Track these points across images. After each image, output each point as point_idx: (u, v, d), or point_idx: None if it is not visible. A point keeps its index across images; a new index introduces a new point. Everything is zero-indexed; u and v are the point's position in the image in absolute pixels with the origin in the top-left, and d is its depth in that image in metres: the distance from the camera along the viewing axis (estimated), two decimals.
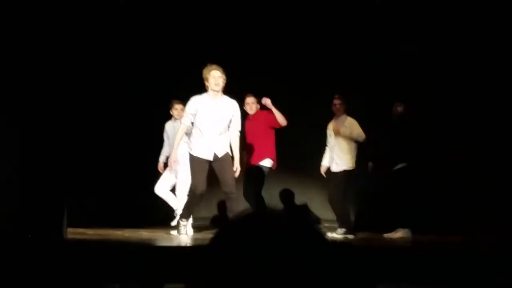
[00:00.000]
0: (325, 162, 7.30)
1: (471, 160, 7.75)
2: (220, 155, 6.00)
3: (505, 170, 7.59)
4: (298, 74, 8.50)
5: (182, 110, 6.94)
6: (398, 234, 6.91)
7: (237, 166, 6.11)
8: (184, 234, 6.48)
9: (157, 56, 8.40)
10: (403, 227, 6.93)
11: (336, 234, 6.97)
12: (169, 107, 7.45)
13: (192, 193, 6.21)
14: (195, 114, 6.01)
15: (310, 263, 0.70)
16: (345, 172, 7.00)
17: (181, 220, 6.49)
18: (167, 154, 7.39)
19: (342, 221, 7.04)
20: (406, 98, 7.35)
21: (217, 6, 8.17)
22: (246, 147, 7.13)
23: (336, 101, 7.13)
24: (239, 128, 6.19)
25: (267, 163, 7.09)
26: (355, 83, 8.23)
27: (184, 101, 6.61)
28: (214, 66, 6.00)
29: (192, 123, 6.12)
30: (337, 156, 7.05)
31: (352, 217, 7.50)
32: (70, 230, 6.01)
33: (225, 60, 8.34)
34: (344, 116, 7.13)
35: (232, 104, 6.12)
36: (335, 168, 7.07)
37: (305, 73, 8.51)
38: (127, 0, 7.99)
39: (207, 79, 5.99)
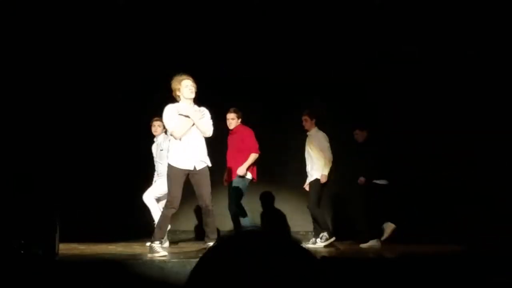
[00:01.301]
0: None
1: (471, 160, 7.75)
2: (198, 167, 5.85)
3: (505, 170, 7.59)
4: (297, 74, 8.50)
5: (160, 126, 6.93)
6: (369, 243, 7.20)
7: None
8: (163, 253, 5.86)
9: (157, 57, 8.39)
10: (374, 237, 7.21)
11: (320, 241, 7.25)
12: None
13: (168, 207, 5.88)
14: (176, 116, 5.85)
15: (300, 279, 0.70)
16: (316, 181, 7.35)
17: (154, 243, 5.86)
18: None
19: (321, 227, 7.35)
20: (368, 120, 7.66)
21: (217, 7, 8.16)
22: (228, 161, 7.21)
23: (302, 118, 7.45)
24: (207, 130, 5.93)
25: (247, 176, 7.16)
26: (354, 83, 8.24)
27: None
28: (184, 76, 5.89)
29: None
30: (310, 168, 7.46)
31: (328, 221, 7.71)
32: (62, 245, 5.85)
33: (225, 61, 8.38)
34: (312, 130, 7.45)
35: (202, 110, 5.97)
36: (308, 178, 7.47)
37: (305, 73, 8.51)
38: (127, 0, 7.99)
39: (178, 89, 5.86)
